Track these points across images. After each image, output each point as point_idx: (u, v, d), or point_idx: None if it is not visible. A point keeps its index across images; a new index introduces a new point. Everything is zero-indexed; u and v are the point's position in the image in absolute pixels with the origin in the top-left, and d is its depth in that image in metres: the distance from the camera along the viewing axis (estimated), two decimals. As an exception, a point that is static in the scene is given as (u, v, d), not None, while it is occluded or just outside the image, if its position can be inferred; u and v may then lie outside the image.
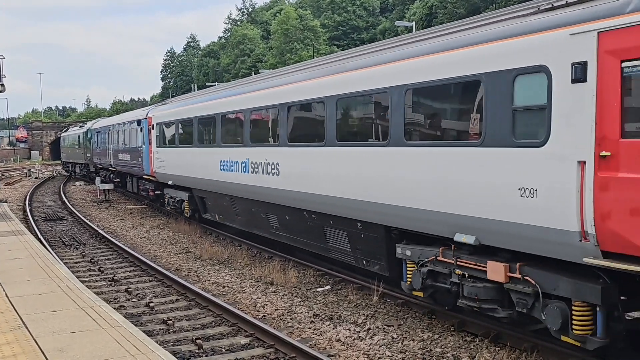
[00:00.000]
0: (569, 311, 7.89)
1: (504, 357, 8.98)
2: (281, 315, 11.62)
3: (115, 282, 14.62)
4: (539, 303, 8.25)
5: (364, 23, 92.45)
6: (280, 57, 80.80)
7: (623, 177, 6.90)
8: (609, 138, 7.03)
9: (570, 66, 7.42)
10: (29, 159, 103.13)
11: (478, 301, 9.08)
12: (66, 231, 23.36)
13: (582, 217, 7.31)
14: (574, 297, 7.79)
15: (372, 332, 10.45)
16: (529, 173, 8.01)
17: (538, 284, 8.20)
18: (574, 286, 7.77)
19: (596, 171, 7.13)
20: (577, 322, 7.80)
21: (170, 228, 23.24)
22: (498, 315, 9.04)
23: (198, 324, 11.15)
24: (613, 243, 7.04)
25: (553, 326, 8.08)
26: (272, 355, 9.41)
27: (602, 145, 7.07)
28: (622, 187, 6.89)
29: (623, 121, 6.88)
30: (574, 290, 7.78)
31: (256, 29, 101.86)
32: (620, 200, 6.91)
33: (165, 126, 23.90)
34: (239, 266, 16.22)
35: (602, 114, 7.06)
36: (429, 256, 10.07)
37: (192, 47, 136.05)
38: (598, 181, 7.10)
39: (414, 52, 10.36)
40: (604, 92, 7.06)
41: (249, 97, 16.31)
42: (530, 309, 8.44)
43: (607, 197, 7.03)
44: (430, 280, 10.19)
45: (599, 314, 7.64)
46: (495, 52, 8.57)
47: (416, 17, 62.88)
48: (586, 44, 7.27)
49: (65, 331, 8.22)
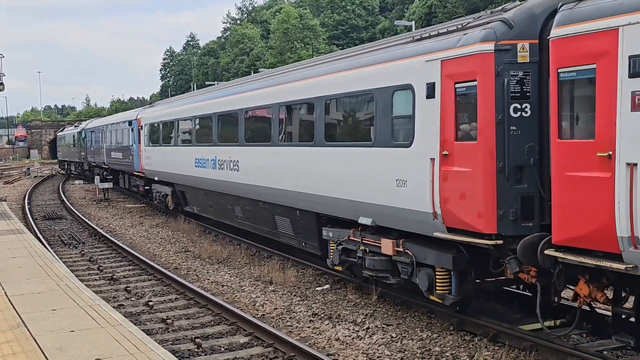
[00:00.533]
0: (434, 276, 10.10)
1: (503, 356, 8.99)
2: (280, 314, 11.62)
3: (115, 281, 14.63)
4: (415, 270, 10.45)
5: (364, 22, 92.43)
6: (280, 56, 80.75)
7: (456, 170, 9.34)
8: (448, 141, 9.45)
9: (425, 85, 9.85)
10: (28, 157, 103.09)
11: (375, 271, 11.38)
12: (65, 230, 23.37)
13: (433, 201, 9.67)
14: (436, 265, 10.06)
15: (371, 331, 10.45)
16: (402, 168, 10.43)
17: (414, 255, 10.45)
18: (436, 256, 10.03)
19: (440, 166, 9.56)
20: (439, 284, 10.05)
21: (170, 227, 23.25)
22: (389, 282, 11.33)
23: (197, 323, 11.16)
24: (451, 220, 9.45)
25: (423, 287, 10.32)
26: (271, 354, 9.41)
27: (444, 146, 9.51)
28: (455, 178, 9.35)
29: (456, 128, 9.36)
30: (436, 259, 10.05)
31: (256, 28, 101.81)
32: (454, 187, 9.36)
33: (152, 127, 26.23)
34: (238, 265, 16.23)
35: (444, 122, 9.52)
36: (344, 236, 12.31)
37: (192, 46, 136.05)
38: (441, 173, 9.55)
39: (331, 69, 13.07)
40: (445, 106, 9.51)
41: (217, 103, 18.89)
42: (410, 276, 10.64)
43: (447, 185, 9.47)
44: (344, 256, 12.46)
45: (452, 277, 9.92)
46: (382, 72, 11.05)
47: (415, 16, 62.81)
48: (434, 69, 9.70)
49: (64, 330, 8.22)
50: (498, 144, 8.84)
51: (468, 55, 9.11)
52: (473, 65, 9.05)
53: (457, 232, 9.38)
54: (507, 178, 8.84)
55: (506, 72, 8.81)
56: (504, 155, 8.82)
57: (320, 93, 12.87)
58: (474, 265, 9.80)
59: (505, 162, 8.83)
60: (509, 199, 8.83)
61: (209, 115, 19.30)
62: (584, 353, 8.60)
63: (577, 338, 9.66)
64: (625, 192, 7.16)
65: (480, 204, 8.96)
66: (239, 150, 16.85)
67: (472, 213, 9.11)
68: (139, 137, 28.50)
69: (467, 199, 9.17)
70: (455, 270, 9.81)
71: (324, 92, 12.73)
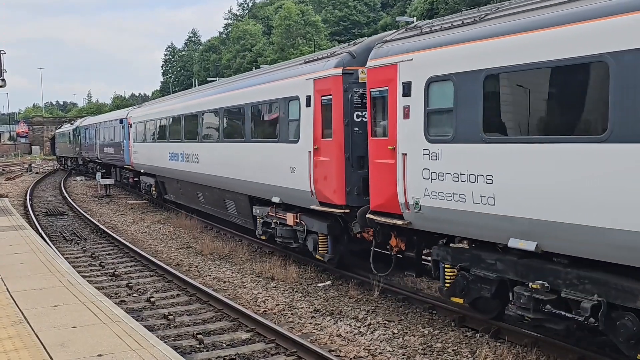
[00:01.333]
0: (318, 240, 13.44)
1: (505, 353, 8.99)
2: (282, 311, 11.63)
3: (116, 277, 14.65)
4: (306, 237, 13.86)
5: (365, 18, 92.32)
6: (281, 52, 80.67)
7: (322, 159, 12.86)
8: (317, 138, 12.99)
9: (305, 97, 13.31)
10: (30, 154, 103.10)
11: (283, 238, 14.86)
12: (67, 226, 23.39)
13: (310, 182, 13.14)
14: (319, 231, 13.42)
15: (372, 328, 10.46)
16: (293, 158, 13.81)
17: (306, 225, 13.85)
18: (318, 225, 13.40)
19: (313, 156, 13.08)
20: (320, 246, 13.43)
21: (171, 223, 23.26)
22: (292, 246, 14.86)
23: (199, 319, 11.17)
24: (320, 196, 12.94)
25: (310, 249, 13.81)
26: (272, 351, 9.42)
27: (315, 142, 13.04)
28: (321, 165, 12.85)
29: (322, 129, 12.83)
30: (318, 227, 13.41)
31: (257, 24, 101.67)
32: (321, 172, 12.86)
33: (139, 125, 29.94)
34: (239, 261, 16.24)
35: (315, 124, 13.03)
36: (265, 213, 15.65)
37: (193, 42, 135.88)
38: (314, 162, 13.04)
39: (254, 82, 16.77)
40: (316, 113, 13.02)
41: (184, 106, 22.77)
42: (304, 241, 14.00)
43: (317, 170, 12.97)
44: (265, 228, 15.91)
45: (329, 240, 13.31)
46: (282, 86, 14.61)
47: (417, 12, 62.69)
48: (310, 85, 13.22)
49: (66, 326, 8.22)
50: (346, 141, 12.34)
51: (327, 77, 12.64)
52: (330, 84, 12.54)
53: (324, 205, 12.80)
54: (352, 165, 12.31)
55: (351, 89, 12.28)
56: (350, 148, 12.30)
57: (247, 100, 16.56)
58: (343, 230, 13.17)
59: (351, 153, 12.30)
60: (354, 179, 12.33)
61: (178, 117, 23.14)
62: (584, 349, 8.61)
63: (398, 280, 13.10)
64: (401, 173, 10.40)
65: (335, 183, 12.44)
66: (198, 146, 20.62)
67: (330, 190, 12.57)
68: (129, 134, 31.90)
69: (327, 180, 12.66)
70: (330, 235, 13.23)
71: (249, 100, 16.44)
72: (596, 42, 7.23)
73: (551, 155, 7.76)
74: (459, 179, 9.19)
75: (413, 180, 10.11)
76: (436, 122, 9.81)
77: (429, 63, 9.87)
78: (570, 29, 7.59)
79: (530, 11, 8.39)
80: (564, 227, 7.64)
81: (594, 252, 7.46)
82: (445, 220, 9.68)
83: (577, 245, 7.62)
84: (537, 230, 8.05)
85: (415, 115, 10.10)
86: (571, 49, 7.53)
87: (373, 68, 11.25)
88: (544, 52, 7.86)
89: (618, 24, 7.02)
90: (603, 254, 7.35)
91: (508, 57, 8.36)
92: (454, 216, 9.38)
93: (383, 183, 10.90)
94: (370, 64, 11.35)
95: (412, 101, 10.17)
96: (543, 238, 8.01)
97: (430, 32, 10.25)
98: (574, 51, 7.50)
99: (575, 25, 7.53)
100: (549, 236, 7.93)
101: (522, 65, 8.16)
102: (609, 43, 7.10)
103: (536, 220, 8.02)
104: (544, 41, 7.89)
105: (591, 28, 7.32)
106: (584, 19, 7.45)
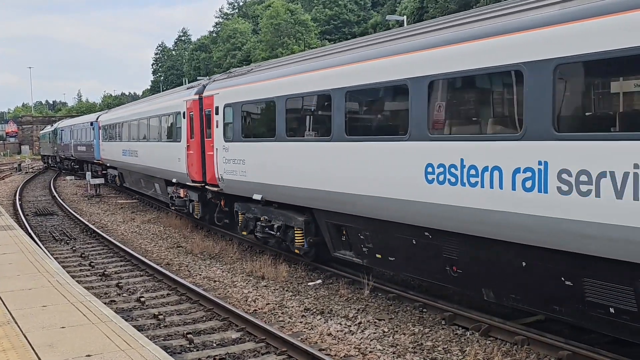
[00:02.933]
0: (195, 205, 20.06)
1: (495, 351, 9.01)
2: (272, 310, 11.61)
3: (106, 277, 14.58)
4: (189, 204, 20.64)
5: (356, 17, 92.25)
6: (271, 51, 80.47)
7: (190, 152, 19.11)
8: (188, 139, 19.28)
9: (182, 112, 20.27)
10: (19, 153, 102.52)
11: (177, 206, 21.82)
12: (57, 226, 23.28)
13: (186, 167, 19.48)
14: (195, 200, 19.95)
15: (363, 326, 10.46)
16: (179, 152, 20.23)
17: (189, 196, 20.54)
18: (195, 195, 19.87)
19: (187, 150, 19.45)
20: (196, 210, 20.04)
21: (161, 222, 23.19)
22: (184, 212, 21.49)
23: (189, 319, 11.14)
24: (191, 176, 19.16)
25: (191, 211, 20.46)
26: (263, 350, 9.40)
27: (187, 142, 19.35)
28: (190, 157, 19.17)
29: (190, 133, 19.27)
30: (195, 197, 19.94)
31: (247, 23, 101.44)
32: (190, 161, 19.15)
33: (106, 127, 36.39)
34: (230, 261, 16.20)
35: (187, 130, 19.45)
36: (172, 190, 22.02)
37: (183, 41, 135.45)
38: (187, 155, 19.41)
39: (160, 100, 24.59)
40: (188, 123, 19.45)
41: (130, 113, 29.68)
42: (190, 208, 20.57)
43: (189, 160, 19.18)
44: (172, 201, 22.17)
45: (200, 205, 19.92)
46: (173, 104, 21.36)
47: (407, 11, 62.72)
48: (184, 105, 19.76)
49: (55, 326, 8.17)
50: (201, 142, 18.43)
51: (191, 100, 19.04)
52: (192, 105, 19.00)
53: (194, 182, 19.07)
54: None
55: (203, 109, 18.17)
56: (204, 147, 18.34)
57: (158, 113, 23.60)
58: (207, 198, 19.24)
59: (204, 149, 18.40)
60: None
61: (128, 122, 29.75)
62: (575, 347, 8.64)
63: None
64: (216, 160, 17.12)
65: (196, 167, 18.72)
66: (136, 144, 27.40)
67: (194, 172, 18.94)
68: (99, 134, 38.49)
69: (194, 166, 18.87)
70: (200, 201, 19.59)
71: (159, 112, 23.48)
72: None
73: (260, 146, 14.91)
74: (235, 162, 15.96)
75: (220, 164, 16.81)
76: (227, 130, 16.43)
77: (225, 96, 16.70)
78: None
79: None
80: (273, 187, 14.13)
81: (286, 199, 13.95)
82: (233, 187, 16.42)
83: (281, 197, 14.03)
84: (262, 189, 14.65)
85: (220, 126, 16.82)
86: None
87: (205, 97, 18.15)
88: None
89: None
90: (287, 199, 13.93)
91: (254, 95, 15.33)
92: (234, 184, 16.18)
93: (210, 166, 17.64)
94: (205, 94, 18.27)
95: (219, 118, 16.88)
96: (266, 193, 14.55)
97: (231, 78, 17.23)
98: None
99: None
100: (267, 192, 14.44)
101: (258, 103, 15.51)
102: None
103: (261, 183, 14.67)
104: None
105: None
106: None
